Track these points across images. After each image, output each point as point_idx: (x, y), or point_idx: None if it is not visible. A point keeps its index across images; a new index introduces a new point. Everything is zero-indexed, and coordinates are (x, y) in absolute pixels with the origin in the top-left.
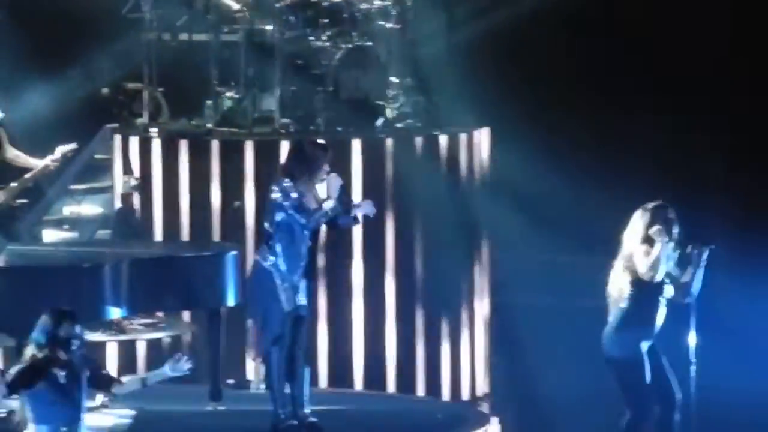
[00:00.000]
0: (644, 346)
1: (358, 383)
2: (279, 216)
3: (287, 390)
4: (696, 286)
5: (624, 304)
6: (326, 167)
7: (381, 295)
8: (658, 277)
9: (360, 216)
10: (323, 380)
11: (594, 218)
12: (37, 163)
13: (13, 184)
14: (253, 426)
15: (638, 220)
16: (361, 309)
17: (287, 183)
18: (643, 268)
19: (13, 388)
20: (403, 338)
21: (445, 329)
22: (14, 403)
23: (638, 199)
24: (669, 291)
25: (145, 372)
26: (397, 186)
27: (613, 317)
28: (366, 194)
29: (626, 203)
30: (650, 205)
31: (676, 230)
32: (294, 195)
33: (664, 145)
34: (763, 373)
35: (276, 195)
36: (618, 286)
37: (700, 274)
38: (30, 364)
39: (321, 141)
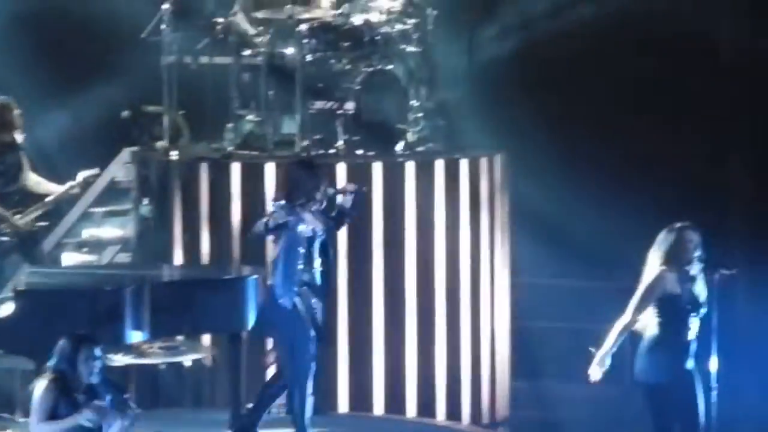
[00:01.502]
0: (676, 370)
1: (378, 408)
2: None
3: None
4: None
5: (652, 328)
6: (323, 186)
7: (401, 321)
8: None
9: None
10: (344, 404)
11: (617, 243)
12: (58, 189)
13: (34, 207)
14: None
15: (662, 241)
16: (381, 333)
17: (274, 205)
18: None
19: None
20: (423, 362)
21: (465, 353)
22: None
23: (660, 223)
24: (693, 314)
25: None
26: (418, 210)
27: (644, 341)
28: (386, 218)
29: (647, 228)
30: (676, 225)
31: (698, 253)
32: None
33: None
34: None
35: (265, 218)
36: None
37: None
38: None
39: (310, 161)
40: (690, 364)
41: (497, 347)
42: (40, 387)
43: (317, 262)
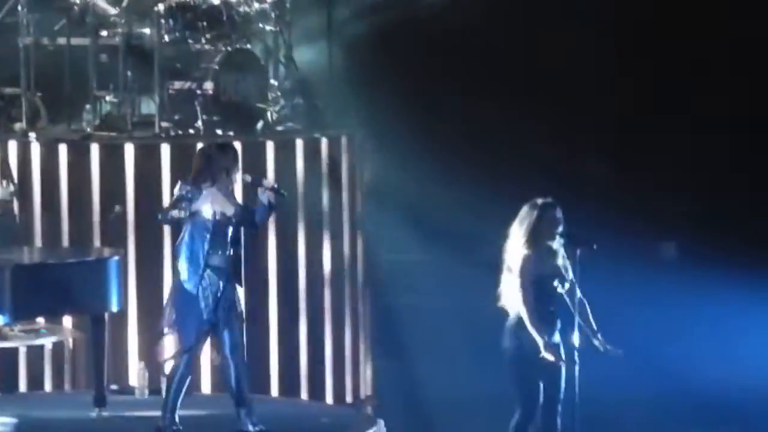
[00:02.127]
0: (539, 343)
1: None
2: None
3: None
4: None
5: (517, 303)
6: (235, 170)
7: (265, 300)
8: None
9: (269, 198)
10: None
11: (475, 219)
12: None
13: None
14: (137, 430)
15: (525, 216)
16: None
17: (179, 187)
18: (517, 281)
19: None
20: (285, 342)
21: (327, 332)
22: None
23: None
24: (559, 287)
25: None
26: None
27: (510, 318)
28: (248, 197)
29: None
30: (539, 201)
31: (560, 228)
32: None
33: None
34: (646, 378)
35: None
36: (509, 285)
37: (576, 271)
38: None
39: (224, 143)
40: (556, 338)
41: (359, 323)
42: None
43: (229, 248)
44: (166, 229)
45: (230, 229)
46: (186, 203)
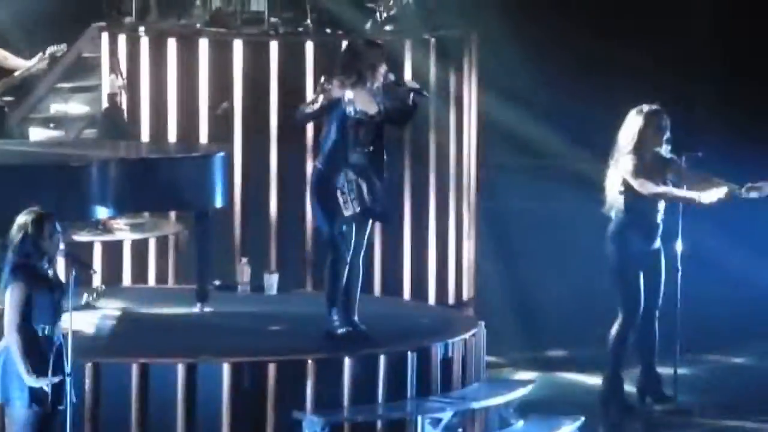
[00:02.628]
0: (641, 252)
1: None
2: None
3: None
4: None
5: (621, 210)
6: (381, 69)
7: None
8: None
9: (413, 98)
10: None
11: (584, 121)
12: (25, 64)
13: (1, 83)
14: (239, 326)
15: (632, 122)
16: None
17: (322, 83)
18: (633, 182)
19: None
20: (389, 244)
21: (431, 233)
22: None
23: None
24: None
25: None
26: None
27: (611, 223)
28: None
29: (615, 109)
30: (645, 108)
31: (667, 135)
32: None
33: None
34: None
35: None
36: (614, 191)
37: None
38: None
39: (372, 40)
40: (657, 243)
41: (463, 227)
42: (9, 285)
43: (370, 145)
44: (273, 126)
45: (372, 127)
46: (328, 100)
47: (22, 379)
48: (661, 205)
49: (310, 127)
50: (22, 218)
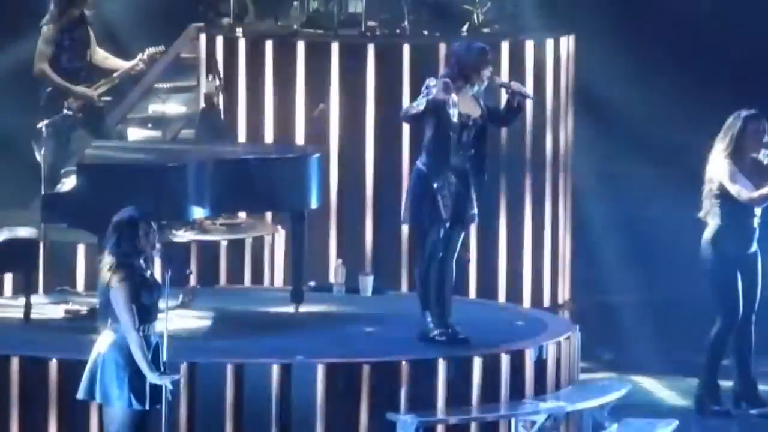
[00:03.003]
0: (738, 256)
1: None
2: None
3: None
4: None
5: (717, 215)
6: (486, 72)
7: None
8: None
9: (518, 101)
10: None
11: (676, 130)
12: (125, 65)
13: (101, 83)
14: (334, 327)
15: (729, 127)
16: None
17: (432, 82)
18: (730, 187)
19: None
20: (484, 245)
21: (527, 236)
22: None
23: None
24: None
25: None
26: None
27: (707, 230)
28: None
29: (711, 116)
30: (743, 112)
31: (766, 139)
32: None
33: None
34: None
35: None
36: (710, 196)
37: None
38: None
39: (479, 44)
40: (754, 247)
41: (559, 230)
42: (114, 286)
43: (472, 148)
44: (369, 128)
45: (474, 131)
46: (432, 102)
47: (121, 379)
48: (758, 210)
49: (406, 130)
50: (118, 218)
